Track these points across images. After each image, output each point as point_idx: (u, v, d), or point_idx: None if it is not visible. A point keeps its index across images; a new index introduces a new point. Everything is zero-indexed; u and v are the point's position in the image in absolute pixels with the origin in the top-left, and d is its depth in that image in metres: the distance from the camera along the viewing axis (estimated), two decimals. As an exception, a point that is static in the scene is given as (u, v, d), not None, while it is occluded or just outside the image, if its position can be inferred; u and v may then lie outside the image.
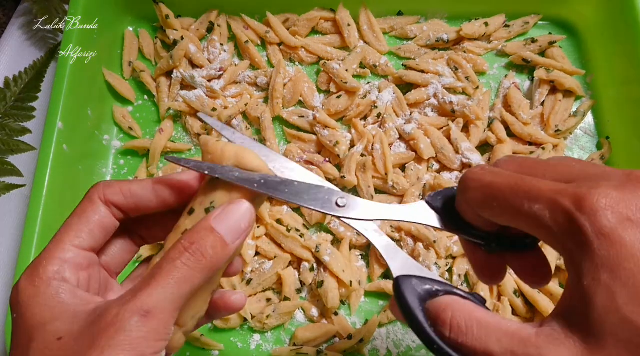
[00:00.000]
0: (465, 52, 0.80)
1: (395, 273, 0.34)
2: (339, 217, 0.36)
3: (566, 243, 0.27)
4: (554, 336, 0.27)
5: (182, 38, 0.78)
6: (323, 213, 0.37)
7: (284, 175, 0.38)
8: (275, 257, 0.67)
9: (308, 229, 0.70)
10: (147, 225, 0.40)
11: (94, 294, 0.34)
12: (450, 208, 0.36)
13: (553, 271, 0.64)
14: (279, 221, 0.71)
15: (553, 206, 0.27)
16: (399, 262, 0.35)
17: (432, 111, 0.76)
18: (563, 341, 0.26)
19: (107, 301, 0.32)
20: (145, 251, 0.67)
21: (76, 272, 0.33)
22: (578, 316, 0.26)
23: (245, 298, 0.41)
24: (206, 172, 0.35)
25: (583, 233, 0.26)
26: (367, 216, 0.37)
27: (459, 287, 0.34)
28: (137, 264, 0.42)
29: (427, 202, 0.37)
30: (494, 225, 0.34)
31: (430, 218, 0.36)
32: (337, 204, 0.36)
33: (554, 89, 0.76)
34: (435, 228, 0.53)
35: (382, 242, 0.36)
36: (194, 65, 0.79)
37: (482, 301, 0.32)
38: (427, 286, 0.32)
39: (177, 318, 0.33)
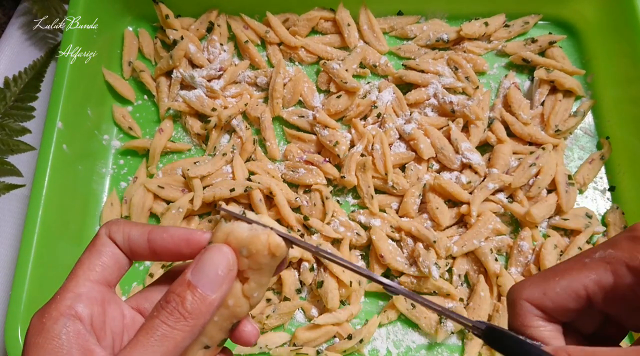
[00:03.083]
0: (465, 51, 0.79)
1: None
2: (401, 293, 0.34)
3: None
4: None
5: (182, 38, 0.78)
6: (388, 288, 0.34)
7: None
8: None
9: (308, 229, 0.70)
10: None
11: (111, 334, 0.34)
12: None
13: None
14: (279, 221, 0.71)
15: (615, 244, 0.30)
16: None
17: (432, 111, 0.76)
18: None
19: None
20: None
21: (90, 306, 0.33)
22: None
23: (257, 330, 0.38)
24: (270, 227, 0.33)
25: None
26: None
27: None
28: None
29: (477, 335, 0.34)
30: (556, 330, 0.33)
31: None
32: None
33: (554, 88, 0.76)
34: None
35: None
36: (193, 65, 0.79)
37: None
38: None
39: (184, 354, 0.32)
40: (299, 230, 0.69)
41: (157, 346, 0.30)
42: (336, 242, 0.70)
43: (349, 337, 0.65)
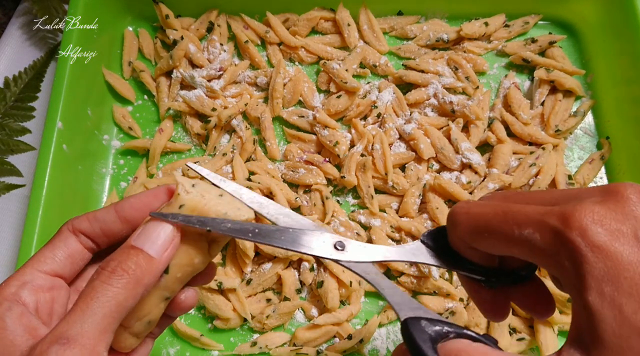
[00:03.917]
0: (465, 51, 0.79)
1: (402, 315, 0.32)
2: (337, 261, 0.36)
3: (562, 262, 0.27)
4: None
5: (182, 38, 0.78)
6: (321, 258, 0.36)
7: (278, 220, 0.38)
8: (275, 257, 0.67)
9: (308, 229, 0.70)
10: None
11: (58, 318, 0.34)
12: (445, 246, 0.35)
13: None
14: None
15: (541, 227, 0.28)
16: (404, 304, 0.33)
17: (432, 111, 0.76)
18: None
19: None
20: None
21: (35, 293, 0.33)
22: (591, 335, 0.26)
23: (197, 294, 0.39)
24: (197, 226, 0.34)
25: (576, 250, 0.26)
26: (365, 258, 0.36)
27: (469, 328, 0.32)
28: None
29: (423, 242, 0.36)
30: (490, 259, 0.34)
31: (428, 257, 0.36)
32: (335, 247, 0.36)
33: (554, 88, 0.76)
34: (435, 267, 0.53)
35: (384, 284, 0.35)
36: (193, 65, 0.79)
37: (494, 342, 0.31)
38: (437, 328, 0.31)
39: (122, 321, 0.32)
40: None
41: (97, 307, 0.30)
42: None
43: (349, 337, 0.65)
